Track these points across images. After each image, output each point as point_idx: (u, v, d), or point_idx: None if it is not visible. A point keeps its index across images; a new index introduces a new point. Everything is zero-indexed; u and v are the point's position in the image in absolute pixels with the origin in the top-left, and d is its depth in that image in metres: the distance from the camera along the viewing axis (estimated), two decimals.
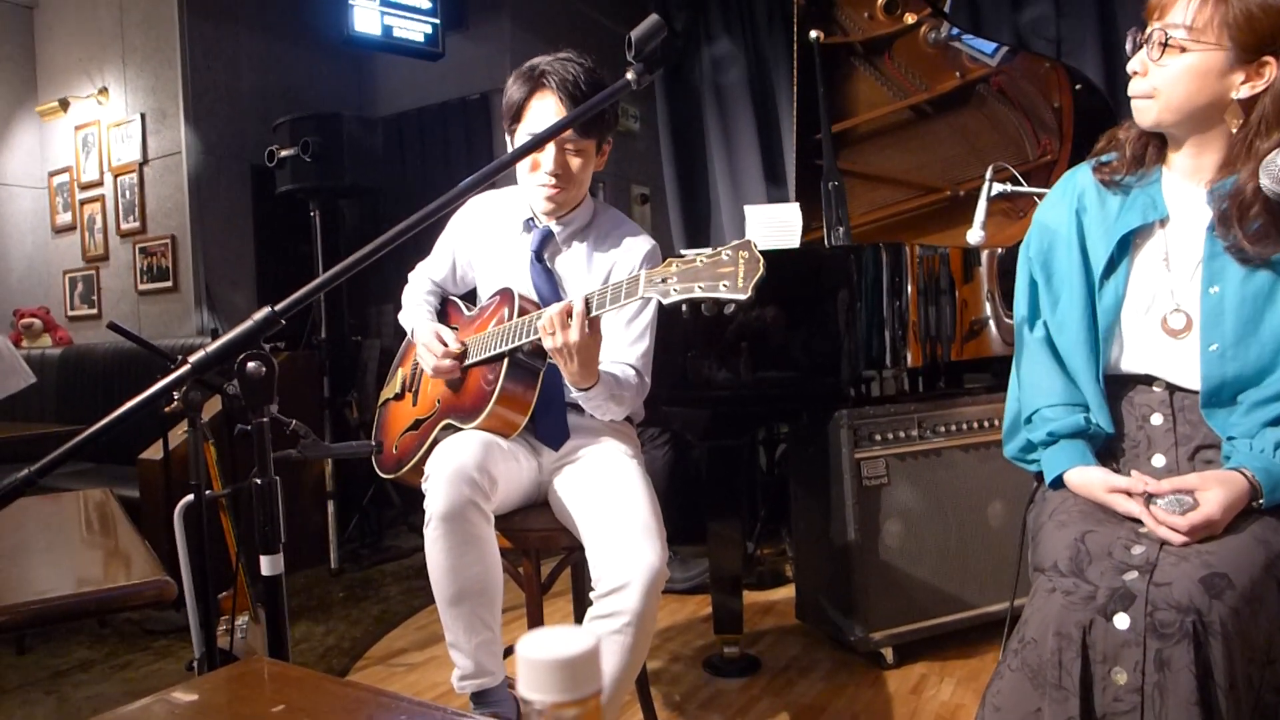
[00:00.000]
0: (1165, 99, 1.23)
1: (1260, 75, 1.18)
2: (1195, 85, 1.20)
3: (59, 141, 5.03)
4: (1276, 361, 1.21)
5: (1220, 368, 1.23)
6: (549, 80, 1.68)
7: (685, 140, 4.96)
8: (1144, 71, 1.25)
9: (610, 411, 1.68)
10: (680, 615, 2.83)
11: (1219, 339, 1.23)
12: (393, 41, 4.31)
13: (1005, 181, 2.46)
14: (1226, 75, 1.19)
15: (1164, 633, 1.05)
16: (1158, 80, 1.23)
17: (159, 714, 0.83)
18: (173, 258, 4.49)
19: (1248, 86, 1.19)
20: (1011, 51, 2.99)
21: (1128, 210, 1.32)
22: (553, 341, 1.47)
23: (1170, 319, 1.28)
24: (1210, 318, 1.24)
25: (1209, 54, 1.18)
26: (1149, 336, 1.30)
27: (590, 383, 1.56)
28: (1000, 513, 2.38)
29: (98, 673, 2.53)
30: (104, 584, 1.40)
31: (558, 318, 1.45)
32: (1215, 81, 1.20)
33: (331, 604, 3.14)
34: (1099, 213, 1.35)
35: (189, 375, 1.03)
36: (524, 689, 0.40)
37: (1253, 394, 1.21)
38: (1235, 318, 1.22)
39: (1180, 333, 1.27)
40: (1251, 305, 1.21)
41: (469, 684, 1.63)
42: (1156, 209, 1.30)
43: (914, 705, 2.12)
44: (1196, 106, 1.22)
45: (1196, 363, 1.25)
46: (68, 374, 4.17)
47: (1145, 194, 1.31)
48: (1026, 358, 1.42)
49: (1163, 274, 1.29)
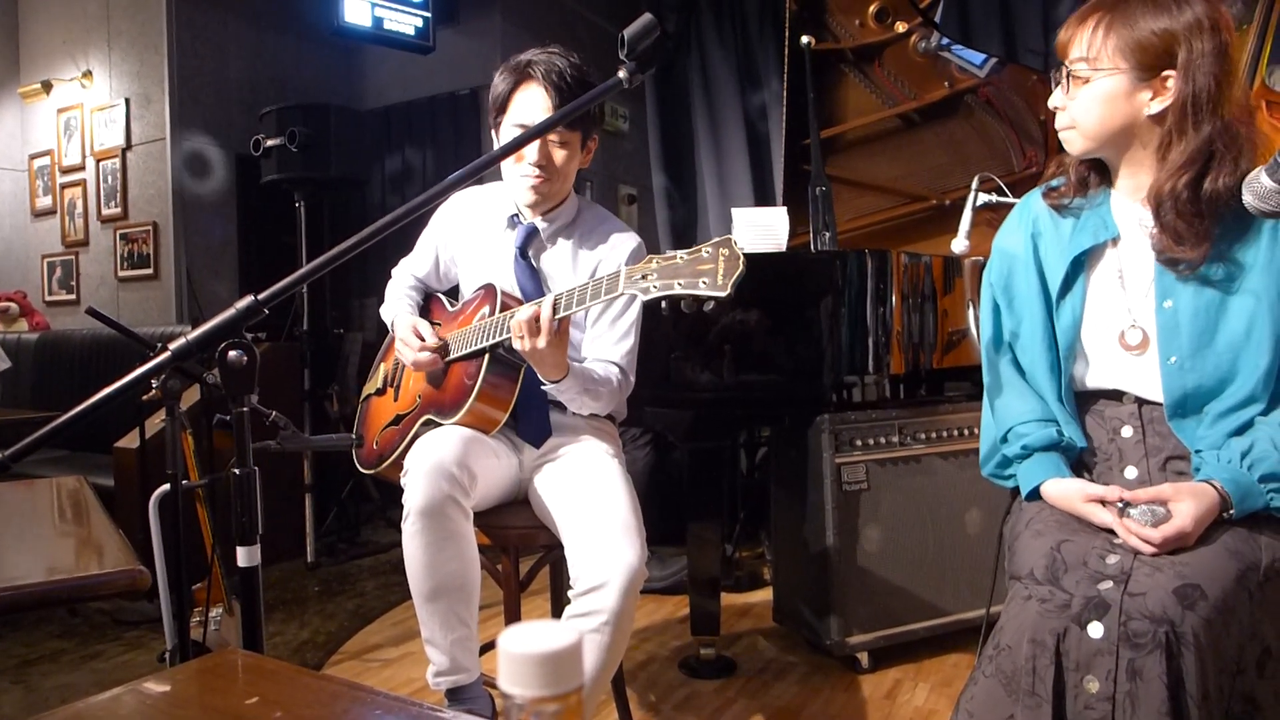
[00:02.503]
0: (1082, 127, 1.30)
1: (1165, 89, 1.23)
2: (1106, 109, 1.26)
3: (40, 124, 4.97)
4: (1235, 370, 1.23)
5: (1180, 380, 1.25)
6: (535, 70, 1.68)
7: (674, 142, 4.96)
8: (1063, 106, 1.31)
9: (586, 405, 1.68)
10: (657, 616, 2.83)
11: (1176, 352, 1.25)
12: (383, 34, 4.29)
13: (991, 192, 2.47)
14: (1133, 95, 1.25)
15: (1137, 642, 1.06)
16: (1074, 111, 1.30)
17: (130, 704, 0.82)
18: (154, 245, 4.44)
19: (1157, 102, 1.24)
20: (1000, 63, 3.02)
21: (1080, 231, 1.36)
22: (522, 345, 1.49)
23: (1127, 335, 1.31)
24: (1166, 332, 1.26)
25: (1111, 78, 1.25)
26: (1110, 353, 1.33)
27: (559, 375, 1.57)
28: (978, 520, 2.40)
29: (67, 662, 2.50)
30: (75, 572, 1.38)
31: (526, 325, 1.47)
32: (1124, 103, 1.25)
33: (306, 598, 3.12)
34: (1054, 235, 1.39)
35: (169, 363, 1.01)
36: (505, 683, 0.40)
37: (1215, 405, 1.24)
38: (1190, 330, 1.25)
39: (1136, 348, 1.30)
40: (1205, 317, 1.24)
41: (444, 680, 1.62)
42: (1107, 229, 1.34)
43: (888, 710, 2.13)
44: (1112, 129, 1.28)
45: (1158, 376, 1.28)
46: (44, 359, 4.12)
47: (1096, 215, 1.36)
48: (996, 381, 1.45)
49: (1118, 291, 1.33)
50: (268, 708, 0.80)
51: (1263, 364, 1.21)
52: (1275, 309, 1.21)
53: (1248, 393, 1.22)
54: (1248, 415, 1.22)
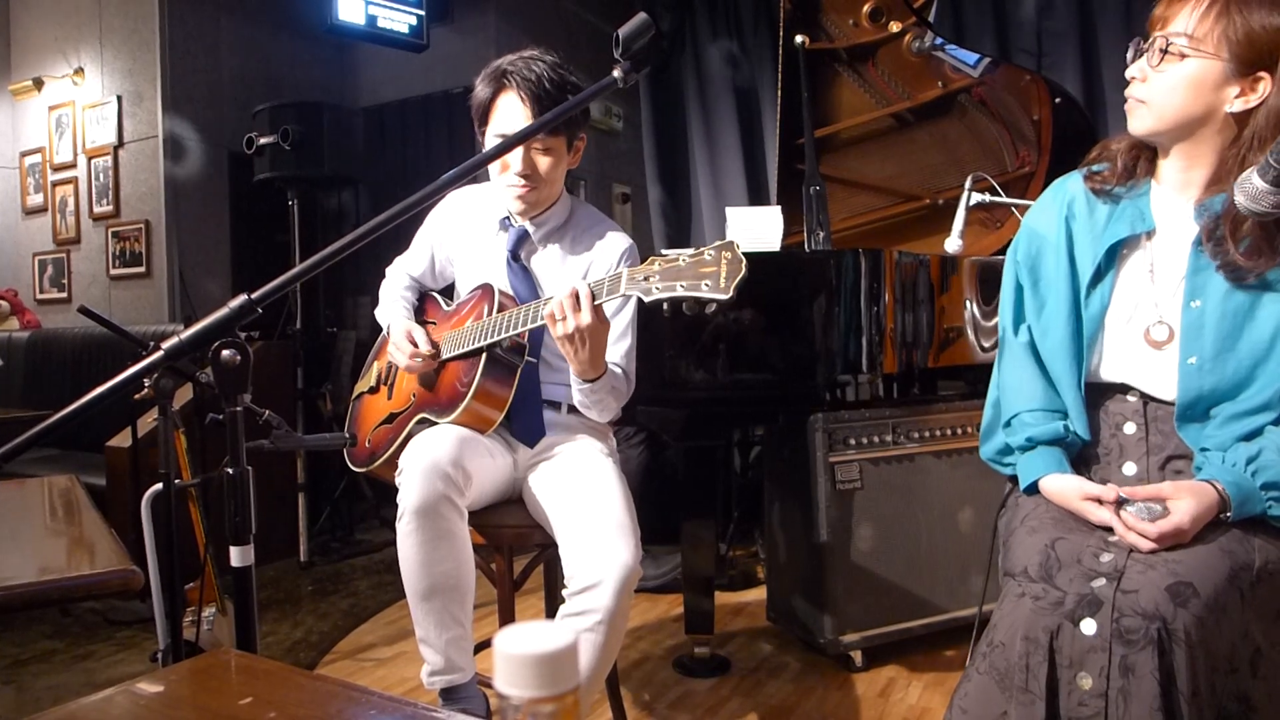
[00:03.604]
0: (1158, 106, 1.25)
1: (1254, 90, 1.20)
2: (1191, 94, 1.22)
3: (32, 121, 4.93)
4: (1253, 377, 1.23)
5: (1198, 381, 1.24)
6: (510, 80, 1.66)
7: (668, 141, 4.96)
8: (1142, 77, 1.27)
9: (608, 408, 1.66)
10: (651, 615, 2.83)
11: (1198, 352, 1.24)
12: (377, 31, 4.27)
13: (984, 191, 2.49)
14: (1221, 88, 1.21)
15: (1129, 639, 1.07)
16: (1155, 86, 1.25)
17: (123, 705, 0.82)
18: (146, 243, 4.42)
19: (1241, 100, 1.21)
20: (993, 63, 3.03)
21: (1116, 221, 1.34)
22: (563, 327, 1.43)
23: (1154, 330, 1.29)
24: (1190, 331, 1.25)
25: (1207, 63, 1.21)
26: (1130, 346, 1.32)
27: (599, 372, 1.55)
28: (970, 519, 2.41)
29: (59, 662, 2.49)
30: (67, 572, 1.37)
31: (568, 302, 1.42)
32: (1210, 93, 1.22)
33: (300, 597, 3.11)
34: (1088, 221, 1.37)
35: (161, 362, 1.01)
36: (501, 684, 0.40)
37: (1228, 407, 1.23)
38: (1215, 333, 1.23)
39: (1163, 344, 1.29)
40: (1231, 321, 1.23)
41: (439, 680, 1.62)
42: (1144, 221, 1.32)
43: (882, 708, 2.13)
44: (1190, 116, 1.24)
45: (1174, 375, 1.27)
46: (35, 358, 4.10)
47: (1134, 205, 1.33)
48: (1008, 361, 1.43)
49: (1147, 286, 1.31)
50: (261, 708, 0.80)
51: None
52: None
53: (1263, 400, 1.21)
54: (1259, 422, 1.22)
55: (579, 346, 1.46)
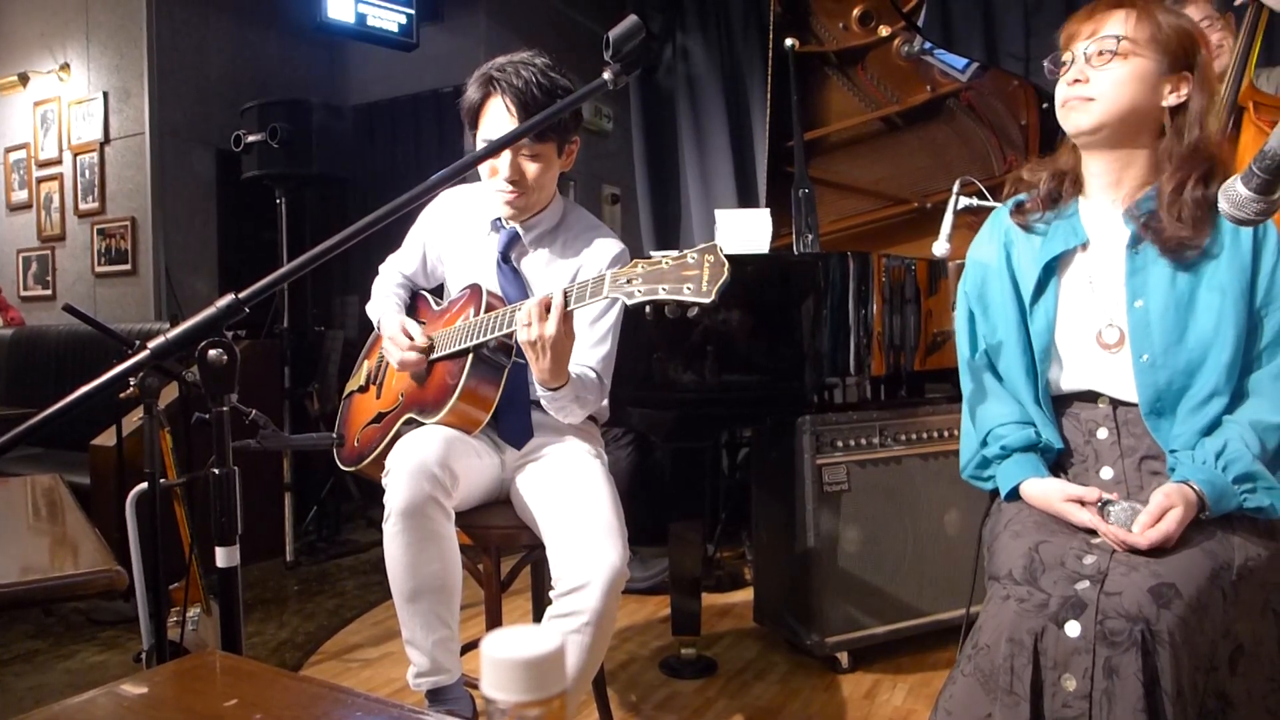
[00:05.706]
0: (1107, 100, 1.30)
1: (1179, 89, 1.30)
2: (1137, 89, 1.29)
3: (16, 117, 4.90)
4: (1204, 365, 1.26)
5: (1153, 376, 1.28)
6: (497, 86, 1.65)
7: (658, 142, 4.96)
8: (1084, 79, 1.32)
9: (572, 414, 1.67)
10: (639, 616, 2.83)
11: (1148, 349, 1.28)
12: (366, 30, 4.26)
13: (972, 195, 2.50)
14: (1158, 85, 1.30)
15: (1113, 641, 1.08)
16: (1102, 83, 1.31)
17: (107, 706, 0.81)
18: (132, 240, 4.39)
19: (1174, 95, 1.30)
20: (982, 68, 3.04)
21: (1050, 240, 1.40)
22: (528, 334, 1.44)
23: (1105, 333, 1.34)
24: (1138, 330, 1.29)
25: (1145, 61, 1.29)
26: (1086, 353, 1.36)
27: (560, 382, 1.55)
28: (956, 522, 2.42)
29: (41, 663, 2.47)
30: (51, 572, 1.36)
31: (536, 309, 1.43)
32: (1150, 90, 1.30)
33: (286, 598, 3.10)
34: (1025, 244, 1.43)
35: (148, 361, 1.00)
36: (488, 688, 0.40)
37: (1186, 400, 1.27)
38: (1160, 327, 1.28)
39: (1114, 346, 1.33)
40: (1175, 314, 1.27)
41: (425, 681, 1.61)
42: (1077, 235, 1.38)
43: (867, 710, 2.14)
44: (1135, 110, 1.30)
45: (1132, 376, 1.30)
46: (19, 356, 4.06)
47: (1066, 224, 1.39)
48: (973, 385, 1.48)
49: (1089, 294, 1.36)
50: (246, 710, 0.80)
51: (1224, 358, 1.24)
52: (1239, 304, 1.25)
53: (1212, 387, 1.25)
54: (1214, 410, 1.25)
55: (540, 355, 1.47)
